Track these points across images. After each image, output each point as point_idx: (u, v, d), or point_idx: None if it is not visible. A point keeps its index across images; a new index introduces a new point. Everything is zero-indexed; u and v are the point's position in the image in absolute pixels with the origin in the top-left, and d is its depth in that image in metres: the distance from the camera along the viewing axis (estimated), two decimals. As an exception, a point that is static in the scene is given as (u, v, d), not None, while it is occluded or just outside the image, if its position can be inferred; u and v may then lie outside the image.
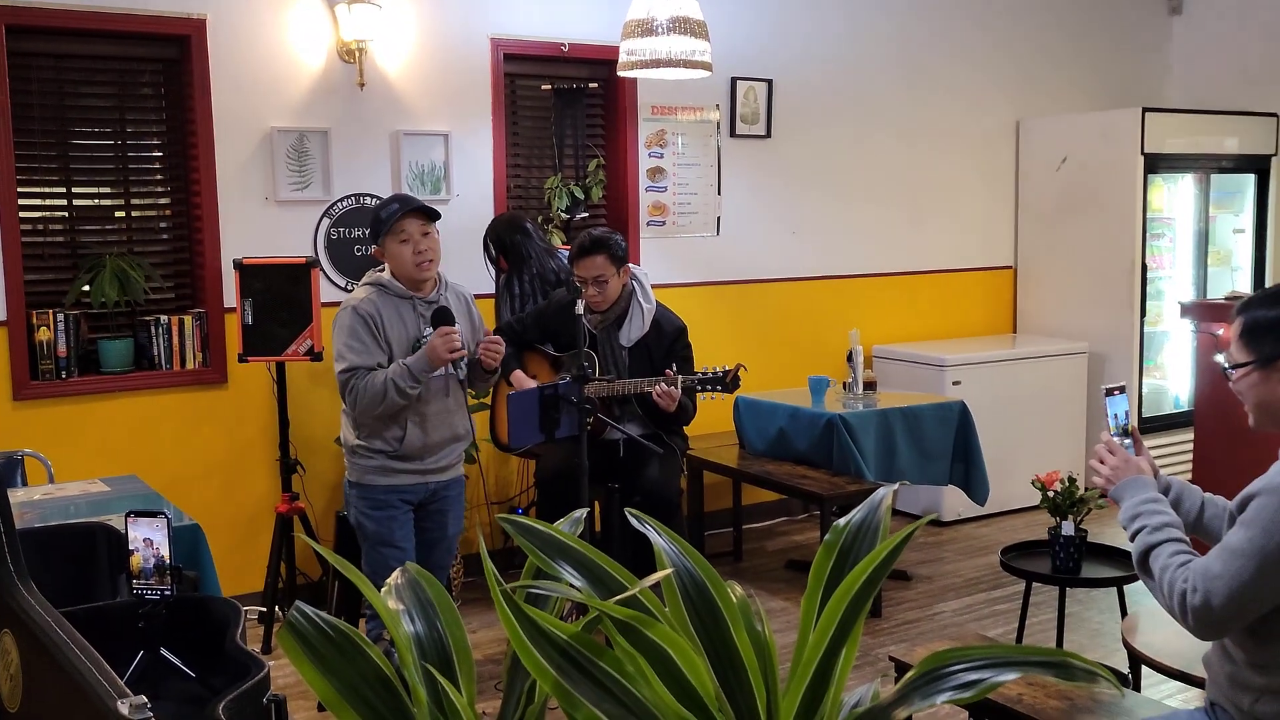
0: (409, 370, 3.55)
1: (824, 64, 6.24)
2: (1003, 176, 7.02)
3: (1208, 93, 7.22)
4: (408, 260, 3.65)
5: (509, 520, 1.29)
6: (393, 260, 3.68)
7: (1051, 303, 6.93)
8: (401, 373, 3.55)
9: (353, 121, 5.02)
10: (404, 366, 3.56)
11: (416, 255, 3.64)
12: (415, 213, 3.66)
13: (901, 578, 5.32)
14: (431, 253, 3.67)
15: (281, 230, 4.91)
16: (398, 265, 3.68)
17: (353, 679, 1.20)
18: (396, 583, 1.40)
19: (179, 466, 4.74)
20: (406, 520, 3.76)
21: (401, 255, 3.65)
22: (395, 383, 3.54)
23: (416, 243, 3.64)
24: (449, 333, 3.55)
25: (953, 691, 1.17)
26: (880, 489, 1.42)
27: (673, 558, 1.27)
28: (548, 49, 5.45)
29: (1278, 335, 2.17)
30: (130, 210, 4.85)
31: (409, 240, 3.64)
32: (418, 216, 3.66)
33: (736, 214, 6.05)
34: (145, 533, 2.35)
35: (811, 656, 1.21)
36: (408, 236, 3.64)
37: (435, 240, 3.70)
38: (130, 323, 4.80)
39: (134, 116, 4.81)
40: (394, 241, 3.65)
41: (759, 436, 5.52)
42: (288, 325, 4.48)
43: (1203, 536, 2.41)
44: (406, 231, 3.64)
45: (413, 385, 3.56)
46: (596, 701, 1.12)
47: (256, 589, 4.70)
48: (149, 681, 2.29)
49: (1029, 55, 6.97)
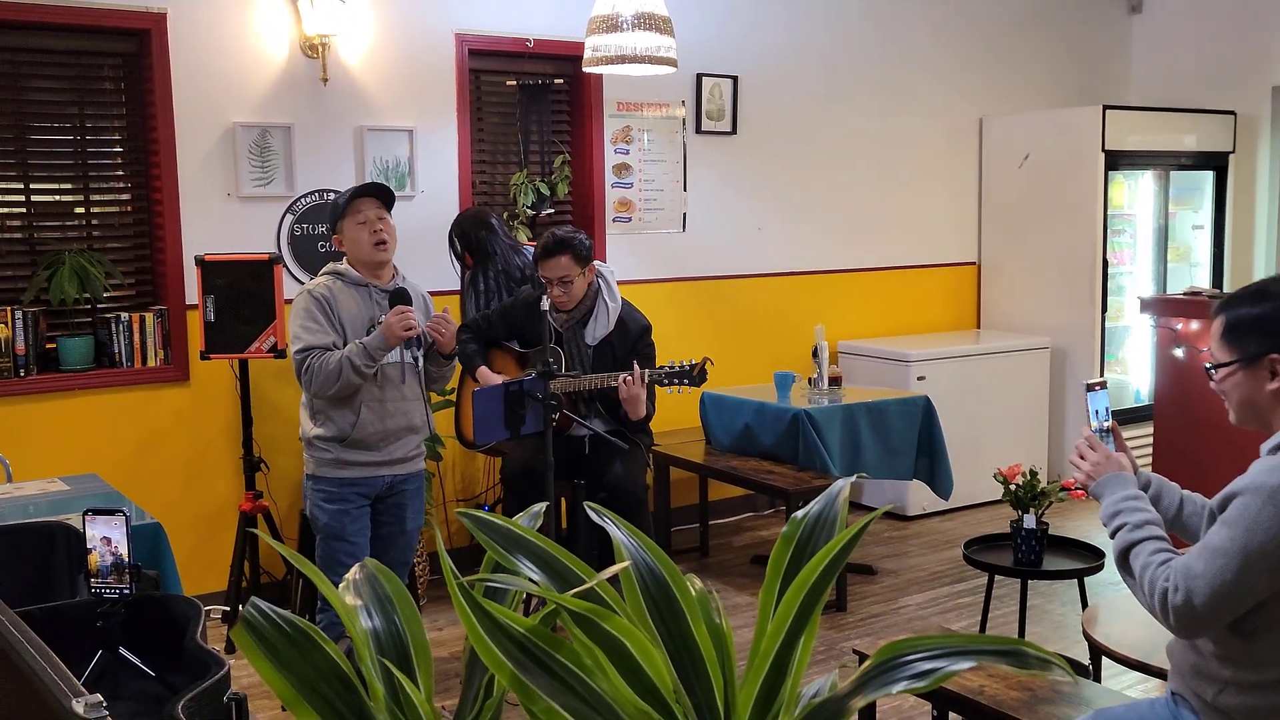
0: (364, 349, 3.57)
1: (789, 61, 6.26)
2: (966, 174, 7.07)
3: (1167, 91, 7.30)
4: (364, 242, 3.69)
5: (467, 515, 1.29)
6: (349, 244, 3.73)
7: (1014, 298, 6.99)
8: (358, 351, 3.57)
9: (316, 117, 4.99)
10: (360, 345, 3.59)
11: (372, 235, 3.69)
12: (371, 195, 3.72)
13: (867, 572, 5.35)
14: (386, 233, 3.71)
15: (244, 226, 4.87)
16: (354, 248, 3.72)
17: (310, 675, 1.20)
18: (355, 578, 1.39)
19: (140, 465, 4.70)
20: (361, 515, 3.77)
21: (358, 237, 3.70)
22: (351, 360, 3.56)
23: (372, 223, 3.71)
24: (404, 311, 3.58)
25: (908, 681, 1.18)
26: (837, 481, 1.43)
27: (631, 551, 1.27)
28: (513, 44, 5.44)
29: (1260, 334, 2.17)
30: (90, 206, 4.79)
31: (365, 222, 3.70)
32: (374, 198, 3.72)
33: (702, 210, 6.06)
34: (103, 531, 2.34)
35: (769, 648, 1.22)
36: (364, 219, 3.70)
37: (391, 226, 3.74)
38: (90, 320, 4.75)
39: (93, 111, 4.76)
40: (352, 223, 3.71)
41: (725, 432, 5.54)
42: (250, 322, 4.45)
43: (1181, 534, 2.42)
44: (363, 213, 3.70)
45: (368, 364, 3.58)
46: (554, 694, 1.12)
47: (220, 588, 4.66)
48: (108, 680, 2.27)
49: (991, 54, 7.02)
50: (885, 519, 6.15)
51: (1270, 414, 2.19)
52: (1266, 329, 2.17)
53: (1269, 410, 2.19)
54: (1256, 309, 2.19)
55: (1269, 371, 2.16)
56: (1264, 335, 2.17)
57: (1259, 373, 2.18)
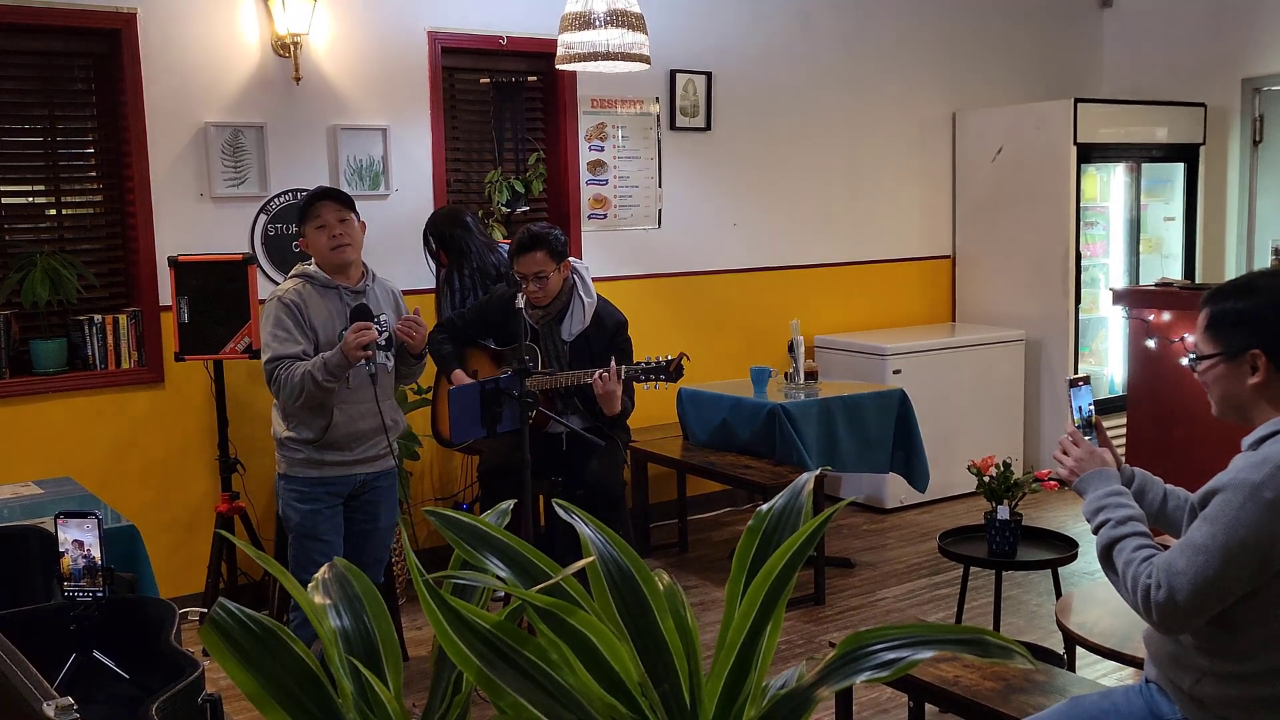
0: (325, 365, 3.57)
1: (763, 57, 6.28)
2: (940, 168, 7.10)
3: (1138, 84, 7.36)
4: (324, 246, 3.71)
5: (434, 513, 1.30)
6: (312, 248, 3.75)
7: (989, 291, 7.04)
8: (319, 366, 3.58)
9: (289, 116, 4.98)
10: (322, 361, 3.59)
11: (331, 240, 3.70)
12: (330, 198, 3.73)
13: (845, 565, 5.38)
14: (347, 237, 3.72)
15: (217, 227, 4.85)
16: (317, 252, 3.75)
17: (279, 675, 1.20)
18: (324, 577, 1.40)
19: (116, 468, 4.68)
20: (333, 514, 3.77)
21: (318, 241, 3.72)
22: (312, 375, 3.57)
23: (332, 228, 3.70)
24: (362, 328, 3.57)
25: (872, 670, 1.19)
26: (802, 475, 1.44)
27: (598, 547, 1.28)
28: (486, 42, 5.44)
29: (1244, 328, 2.18)
30: (61, 208, 4.77)
31: (325, 226, 3.70)
32: (332, 202, 3.72)
33: (678, 206, 6.07)
34: (75, 534, 2.33)
35: (734, 640, 1.23)
36: (324, 222, 3.71)
37: (353, 227, 3.75)
38: (63, 322, 4.72)
39: (64, 112, 4.73)
40: (312, 228, 3.73)
41: (702, 428, 5.55)
42: (225, 323, 4.44)
43: (1165, 528, 2.43)
44: (322, 216, 3.71)
45: (328, 379, 3.58)
46: (521, 690, 1.13)
47: (198, 589, 4.65)
48: (82, 683, 2.27)
49: (964, 48, 7.06)
50: (862, 512, 6.18)
51: (1251, 408, 2.21)
52: (1250, 324, 2.18)
53: (1250, 404, 2.21)
54: (1241, 303, 2.21)
55: (1251, 366, 2.18)
56: (1248, 330, 2.18)
57: (1241, 367, 2.19)
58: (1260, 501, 2.05)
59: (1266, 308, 2.18)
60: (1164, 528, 2.44)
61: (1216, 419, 2.31)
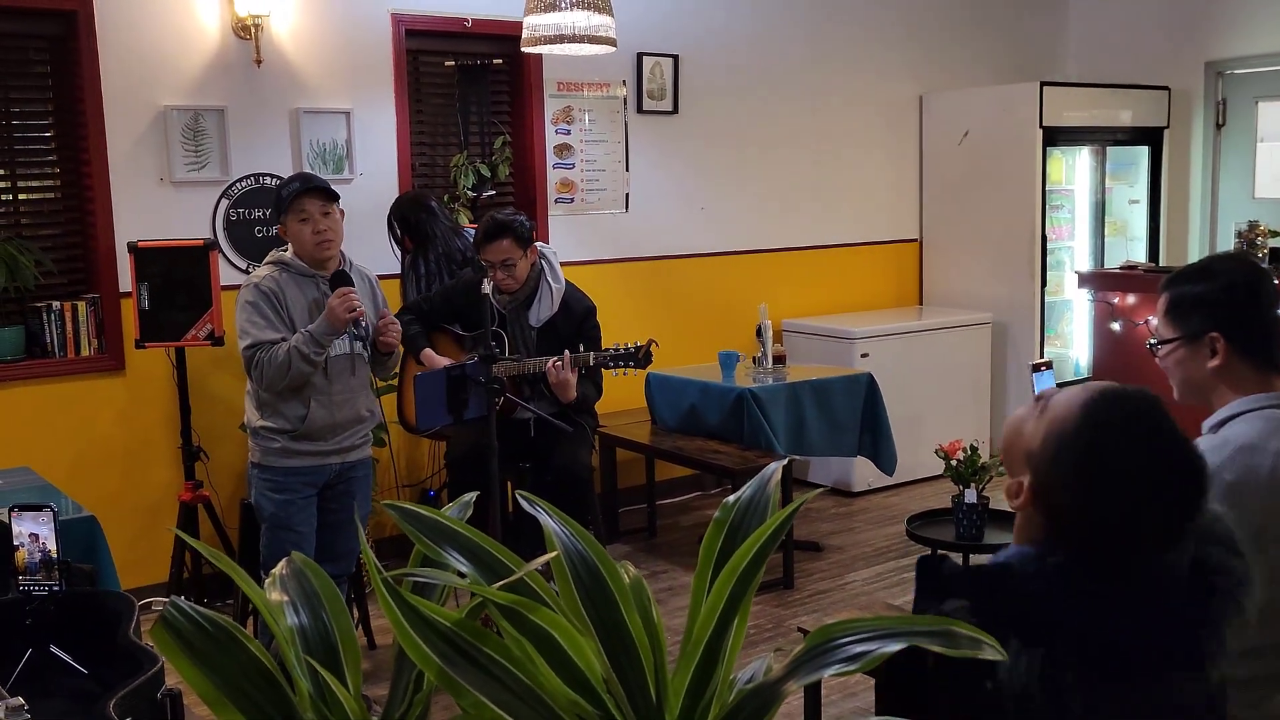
0: (311, 336, 3.53)
1: (730, 40, 6.25)
2: (907, 151, 7.11)
3: (1103, 67, 7.39)
4: (307, 240, 3.64)
5: (394, 507, 1.27)
6: (294, 240, 3.68)
7: (956, 274, 7.06)
8: (304, 339, 3.53)
9: (250, 99, 4.90)
10: (306, 333, 3.55)
11: (315, 235, 3.63)
12: (315, 192, 3.66)
13: (813, 548, 5.39)
14: (331, 233, 3.66)
15: (178, 212, 4.78)
16: (298, 245, 3.67)
17: (233, 674, 1.18)
18: (281, 573, 1.37)
19: (76, 457, 4.61)
20: (307, 504, 3.73)
21: (301, 235, 3.64)
22: (299, 349, 3.52)
23: (316, 222, 3.63)
24: (346, 293, 3.54)
25: (841, 664, 1.18)
26: (770, 465, 1.42)
27: (562, 539, 1.26)
28: (450, 24, 5.38)
29: (1203, 311, 2.19)
30: (17, 193, 4.68)
31: (309, 219, 3.63)
32: (317, 195, 3.65)
33: (645, 190, 6.04)
34: (30, 527, 2.29)
35: (701, 634, 1.22)
36: (307, 215, 3.63)
37: (336, 220, 3.69)
38: (20, 309, 4.64)
39: (20, 95, 4.64)
40: (294, 220, 3.65)
41: (670, 412, 5.54)
42: (187, 309, 4.38)
43: None
44: (306, 211, 3.63)
45: (316, 350, 3.53)
46: (482, 688, 1.11)
47: (161, 579, 4.59)
48: (38, 679, 2.23)
49: (931, 31, 7.05)
50: (831, 495, 6.19)
51: (1211, 391, 2.22)
52: (1209, 307, 2.19)
53: (1209, 388, 2.21)
54: (1199, 287, 2.22)
55: (1210, 349, 2.19)
56: (1206, 313, 2.19)
57: (1200, 350, 2.20)
58: (1220, 485, 2.05)
59: (1223, 290, 2.19)
60: None
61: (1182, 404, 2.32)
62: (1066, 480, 1.50)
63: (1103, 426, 1.50)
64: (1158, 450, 1.47)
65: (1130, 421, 1.49)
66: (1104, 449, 1.48)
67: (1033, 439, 1.57)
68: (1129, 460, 1.47)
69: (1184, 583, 1.46)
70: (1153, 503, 1.46)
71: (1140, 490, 1.46)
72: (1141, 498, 1.46)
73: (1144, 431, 1.48)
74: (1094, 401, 1.52)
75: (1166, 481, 1.47)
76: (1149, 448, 1.47)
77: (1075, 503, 1.49)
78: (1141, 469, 1.46)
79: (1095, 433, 1.49)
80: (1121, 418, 1.49)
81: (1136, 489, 1.46)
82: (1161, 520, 1.47)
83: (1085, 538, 1.48)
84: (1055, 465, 1.52)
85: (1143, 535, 1.47)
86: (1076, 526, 1.49)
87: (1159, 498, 1.46)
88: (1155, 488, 1.46)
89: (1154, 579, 1.45)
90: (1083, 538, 1.49)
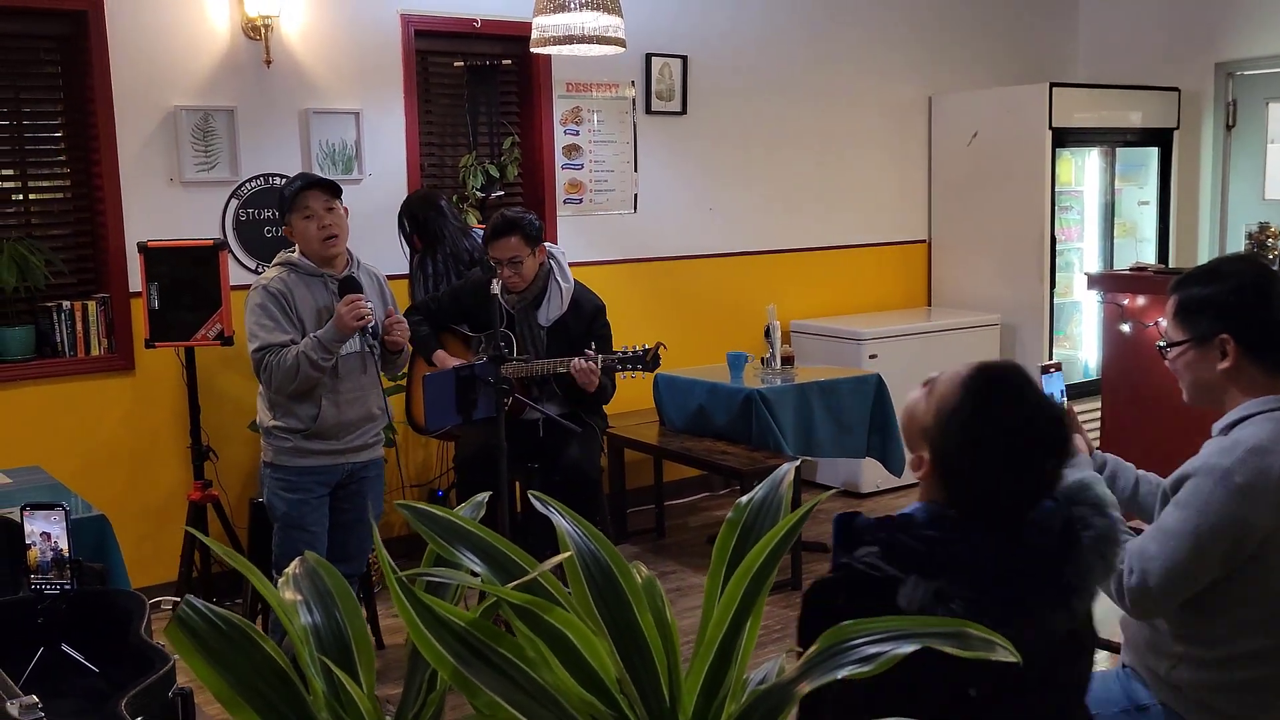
0: (319, 342, 3.54)
1: (738, 41, 6.25)
2: (915, 152, 7.10)
3: (1113, 68, 7.37)
4: (313, 236, 3.65)
5: (407, 507, 1.27)
6: (299, 237, 3.69)
7: (964, 275, 7.05)
8: (312, 345, 3.54)
9: (260, 100, 4.91)
10: (314, 339, 3.55)
11: (321, 230, 3.65)
12: (317, 188, 3.67)
13: (822, 550, 5.38)
14: (336, 227, 3.67)
15: (188, 212, 4.79)
16: (304, 242, 3.68)
17: (247, 673, 1.18)
18: (295, 573, 1.37)
19: (86, 456, 4.62)
20: (320, 504, 3.74)
21: (307, 231, 3.66)
22: (307, 355, 3.53)
23: (320, 218, 3.65)
24: (354, 299, 3.55)
25: (854, 665, 1.17)
26: (782, 466, 1.42)
27: (576, 540, 1.26)
28: (459, 25, 5.38)
29: (1212, 314, 2.19)
30: (28, 193, 4.70)
31: (313, 216, 3.65)
32: (319, 191, 3.67)
33: (654, 191, 6.04)
34: (42, 526, 2.29)
35: (714, 635, 1.22)
36: (311, 212, 3.65)
37: (340, 215, 3.70)
38: (31, 309, 4.66)
39: (30, 96, 4.66)
40: (299, 218, 3.67)
41: (679, 413, 5.54)
42: (196, 309, 4.39)
43: (1137, 514, 2.44)
44: (310, 207, 3.65)
45: (324, 357, 3.54)
46: (496, 688, 1.11)
47: (171, 579, 4.60)
48: (50, 678, 2.23)
49: (940, 32, 7.04)
50: (839, 497, 6.19)
51: (1222, 393, 2.21)
52: (1218, 309, 2.18)
53: (1220, 390, 2.21)
54: (1208, 289, 2.21)
55: (1220, 351, 2.18)
56: (1215, 315, 2.18)
57: (1210, 352, 2.20)
58: (1230, 486, 2.05)
59: (1233, 292, 2.19)
60: (1136, 514, 2.44)
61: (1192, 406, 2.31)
62: (955, 447, 1.73)
63: (979, 397, 1.73)
64: (1025, 415, 1.71)
65: (1002, 392, 1.73)
66: (982, 418, 1.71)
67: (925, 416, 1.79)
68: (1002, 424, 1.71)
69: (1055, 534, 1.68)
70: (1024, 457, 1.70)
71: (1015, 447, 1.69)
72: (1016, 453, 1.69)
73: (1013, 399, 1.72)
74: (971, 378, 1.75)
75: (1034, 439, 1.71)
76: (1018, 413, 1.71)
77: (964, 465, 1.72)
78: (1013, 430, 1.70)
79: (973, 404, 1.72)
80: (995, 389, 1.73)
81: (1011, 447, 1.70)
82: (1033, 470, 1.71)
83: (975, 494, 1.71)
84: (945, 436, 1.75)
85: (1021, 486, 1.70)
86: (968, 485, 1.72)
87: (1029, 453, 1.70)
88: (1026, 445, 1.70)
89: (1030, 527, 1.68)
90: (973, 494, 1.72)
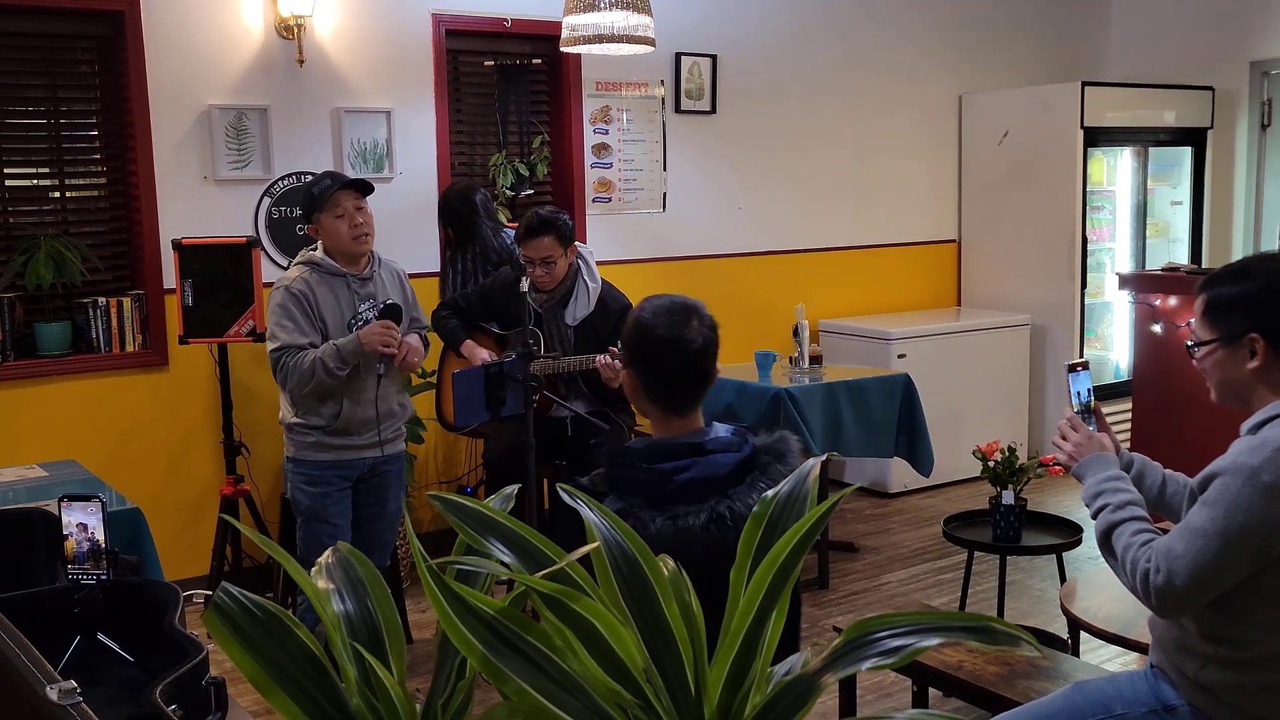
0: (338, 352, 3.57)
1: (768, 40, 6.25)
2: (946, 151, 7.08)
3: (1146, 67, 7.32)
4: (344, 235, 3.67)
5: (438, 498, 1.29)
6: (328, 236, 3.70)
7: (994, 275, 7.02)
8: (331, 353, 3.57)
9: (292, 98, 4.96)
10: (334, 348, 3.58)
11: (353, 229, 3.67)
12: (349, 187, 3.69)
13: (849, 549, 5.38)
14: (367, 226, 3.71)
15: (221, 209, 4.85)
16: (334, 241, 3.70)
17: (282, 660, 1.20)
18: (327, 562, 1.39)
19: (120, 450, 4.68)
20: (343, 497, 3.78)
21: (338, 230, 3.68)
22: (324, 362, 3.57)
23: (352, 216, 3.68)
24: (389, 328, 3.57)
25: (878, 657, 1.18)
26: (808, 461, 1.43)
27: (603, 532, 1.28)
28: (490, 24, 5.41)
29: (1240, 313, 2.18)
30: (65, 190, 4.77)
31: (345, 215, 3.67)
32: (352, 191, 3.68)
33: (682, 190, 6.05)
34: (79, 518, 2.33)
35: (739, 626, 1.23)
36: (343, 211, 3.67)
37: (369, 215, 3.73)
38: (67, 305, 4.72)
39: (67, 95, 4.72)
40: (329, 217, 3.68)
41: (706, 411, 5.53)
42: (229, 306, 4.44)
43: (1164, 513, 2.43)
44: (342, 206, 3.67)
45: (340, 367, 3.58)
46: (525, 676, 1.13)
47: (202, 572, 4.66)
48: (86, 666, 2.27)
49: (970, 30, 7.02)
50: (867, 496, 6.18)
51: (1250, 392, 2.20)
52: (1247, 308, 2.17)
53: (1249, 389, 2.20)
54: (1238, 288, 2.20)
55: (1249, 350, 2.17)
56: (1245, 314, 2.17)
57: (1239, 351, 2.18)
58: (1259, 485, 2.04)
59: (1262, 291, 2.17)
60: (1163, 513, 2.43)
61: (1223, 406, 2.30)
62: (632, 357, 2.21)
63: (645, 317, 2.19)
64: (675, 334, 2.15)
65: (660, 315, 2.17)
66: (645, 334, 2.17)
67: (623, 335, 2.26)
68: (657, 339, 2.16)
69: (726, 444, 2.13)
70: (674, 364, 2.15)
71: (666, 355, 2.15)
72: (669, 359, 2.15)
73: (668, 321, 2.16)
74: (644, 303, 2.23)
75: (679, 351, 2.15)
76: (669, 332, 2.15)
77: (637, 371, 2.20)
78: (664, 343, 2.15)
79: (641, 322, 2.19)
80: (657, 311, 2.18)
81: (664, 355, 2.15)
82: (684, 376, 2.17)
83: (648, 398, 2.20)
84: (627, 349, 2.23)
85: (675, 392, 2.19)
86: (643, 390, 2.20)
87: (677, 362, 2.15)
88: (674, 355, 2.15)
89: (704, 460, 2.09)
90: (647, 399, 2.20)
